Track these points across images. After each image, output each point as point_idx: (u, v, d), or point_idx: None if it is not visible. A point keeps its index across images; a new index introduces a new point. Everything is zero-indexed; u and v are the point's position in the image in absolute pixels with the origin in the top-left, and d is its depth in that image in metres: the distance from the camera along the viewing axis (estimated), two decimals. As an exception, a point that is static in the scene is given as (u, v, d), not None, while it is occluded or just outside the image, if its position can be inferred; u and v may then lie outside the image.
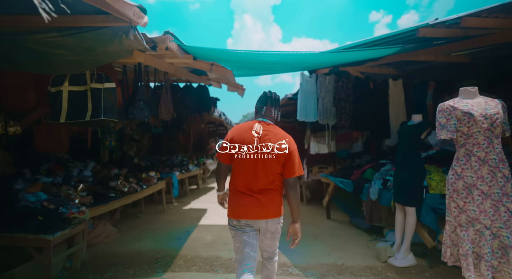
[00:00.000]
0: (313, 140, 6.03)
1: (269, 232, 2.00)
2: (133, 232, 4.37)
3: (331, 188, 4.89)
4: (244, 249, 1.99)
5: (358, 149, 6.22)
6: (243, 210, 1.96)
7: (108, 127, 5.43)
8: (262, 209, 1.94)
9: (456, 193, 2.23)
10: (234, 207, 2.00)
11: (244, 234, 1.99)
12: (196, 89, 5.67)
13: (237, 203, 1.98)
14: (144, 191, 4.81)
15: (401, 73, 5.58)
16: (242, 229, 1.99)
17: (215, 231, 4.41)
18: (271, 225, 1.98)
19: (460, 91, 2.38)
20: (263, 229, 1.99)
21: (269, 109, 2.10)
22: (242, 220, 1.98)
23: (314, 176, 6.09)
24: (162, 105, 3.56)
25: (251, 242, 1.99)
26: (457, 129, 2.25)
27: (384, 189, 3.72)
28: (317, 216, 5.31)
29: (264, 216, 1.95)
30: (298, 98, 5.34)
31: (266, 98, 2.13)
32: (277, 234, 2.05)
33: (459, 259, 2.19)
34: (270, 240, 2.04)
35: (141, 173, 5.06)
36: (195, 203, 6.57)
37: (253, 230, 2.01)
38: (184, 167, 8.08)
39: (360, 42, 3.28)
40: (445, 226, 2.35)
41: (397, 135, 5.48)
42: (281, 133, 2.02)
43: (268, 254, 2.12)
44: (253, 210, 1.94)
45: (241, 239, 1.99)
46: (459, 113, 2.23)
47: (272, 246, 2.08)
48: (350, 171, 4.70)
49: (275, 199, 1.98)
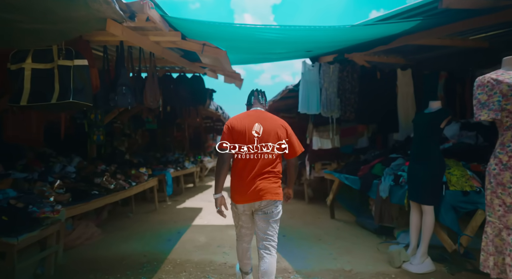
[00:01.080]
0: (315, 135, 5.66)
1: (261, 212, 2.12)
2: (120, 233, 4.00)
3: (336, 185, 4.52)
4: (242, 230, 2.26)
5: (363, 144, 5.84)
6: (246, 195, 2.09)
7: (96, 120, 5.06)
8: (259, 191, 2.07)
9: (502, 187, 1.82)
10: (236, 194, 2.16)
11: (240, 220, 2.22)
12: (191, 80, 5.30)
13: (239, 190, 2.13)
14: (133, 189, 4.44)
15: (410, 62, 5.21)
16: (240, 214, 2.19)
17: (209, 232, 4.04)
18: (265, 205, 2.10)
19: (504, 62, 1.95)
20: (258, 209, 2.13)
21: (258, 100, 2.36)
22: (239, 205, 2.15)
23: (317, 173, 5.72)
24: (147, 91, 3.18)
25: (247, 227, 2.24)
26: (502, 108, 1.81)
27: (396, 185, 3.34)
28: (320, 215, 4.94)
29: (260, 198, 2.08)
30: (299, 89, 4.97)
31: (254, 93, 2.40)
32: (271, 217, 2.12)
33: (505, 270, 1.79)
34: (264, 222, 2.12)
35: (130, 169, 4.68)
36: (190, 202, 6.20)
37: (249, 216, 2.20)
38: (179, 164, 7.71)
39: (372, 19, 2.91)
40: (486, 228, 1.94)
41: (406, 129, 5.16)
42: (275, 117, 2.26)
43: (263, 241, 2.13)
44: (252, 194, 2.08)
45: (241, 220, 2.22)
46: (505, 87, 1.78)
47: (266, 231, 2.12)
48: (356, 167, 4.33)
49: (273, 183, 2.12)
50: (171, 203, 6.03)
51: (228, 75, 5.33)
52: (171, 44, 2.99)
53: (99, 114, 5.08)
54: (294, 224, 4.46)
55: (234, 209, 2.21)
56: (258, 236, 2.15)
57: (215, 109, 6.19)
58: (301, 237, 3.83)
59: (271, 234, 2.12)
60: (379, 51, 4.95)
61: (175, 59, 3.56)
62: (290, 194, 2.45)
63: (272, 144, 2.10)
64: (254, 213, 2.15)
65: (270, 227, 2.11)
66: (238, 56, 3.74)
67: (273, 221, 2.13)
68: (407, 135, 4.97)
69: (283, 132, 2.14)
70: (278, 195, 2.12)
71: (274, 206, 2.12)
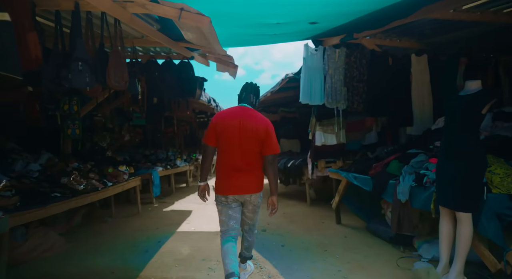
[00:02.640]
0: (318, 129, 5.05)
1: (251, 205, 2.32)
2: (90, 242, 3.41)
3: (343, 186, 3.93)
4: (229, 222, 2.28)
5: (371, 140, 5.25)
6: (231, 187, 2.24)
7: (71, 112, 4.46)
8: (247, 185, 2.25)
9: None
10: (222, 185, 2.27)
11: (230, 209, 2.27)
12: (178, 67, 4.71)
13: (224, 181, 2.26)
14: (109, 190, 3.84)
15: (425, 47, 4.61)
16: (229, 204, 2.27)
17: (195, 241, 3.45)
18: (254, 198, 2.29)
19: None
20: (247, 202, 2.30)
21: (249, 98, 2.37)
22: (230, 195, 2.24)
23: (320, 172, 5.13)
24: (111, 68, 2.58)
25: (236, 216, 2.30)
26: None
27: (419, 186, 2.75)
28: (324, 220, 4.35)
29: (248, 191, 2.25)
30: (301, 77, 4.37)
31: (247, 87, 2.41)
32: (257, 207, 2.37)
33: None
34: (252, 213, 2.36)
35: (107, 167, 4.09)
36: (179, 204, 5.60)
37: (237, 205, 2.30)
38: (170, 162, 7.12)
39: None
40: None
41: (421, 123, 4.56)
42: (259, 116, 2.30)
43: (249, 226, 2.43)
44: (239, 186, 2.23)
45: (227, 214, 2.28)
46: None
47: (253, 219, 2.40)
48: (367, 165, 3.74)
49: (257, 176, 2.30)
50: (158, 205, 5.43)
51: (220, 61, 4.74)
52: (141, 9, 2.39)
53: (74, 105, 4.48)
54: (294, 230, 3.87)
55: (223, 199, 2.26)
56: (244, 223, 2.40)
57: (207, 102, 5.59)
58: (303, 247, 3.24)
59: (256, 218, 2.43)
60: (391, 34, 4.37)
61: (149, 31, 2.94)
62: (274, 203, 2.33)
63: (251, 142, 2.20)
64: (244, 206, 2.33)
65: (256, 215, 2.40)
66: (226, 31, 3.14)
67: (258, 208, 2.38)
68: (423, 129, 4.38)
69: (264, 130, 2.21)
70: (261, 186, 2.35)
71: (259, 197, 2.34)
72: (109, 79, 2.56)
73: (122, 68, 2.65)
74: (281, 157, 6.34)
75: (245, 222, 2.39)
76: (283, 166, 5.82)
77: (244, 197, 2.26)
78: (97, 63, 2.48)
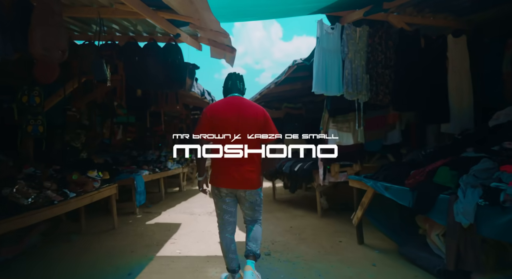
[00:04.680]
0: (332, 126, 4.24)
1: (248, 202, 2.24)
2: (34, 272, 2.58)
3: (368, 198, 3.11)
4: (224, 216, 2.25)
5: (394, 139, 4.43)
6: (224, 180, 2.18)
7: (31, 105, 3.64)
8: (241, 179, 2.16)
9: None
10: (215, 177, 2.22)
11: (224, 203, 2.23)
12: (163, 51, 3.89)
13: (219, 174, 2.20)
14: (70, 203, 3.01)
15: (465, 26, 3.78)
16: (222, 198, 2.22)
17: (178, 273, 2.61)
18: (249, 195, 2.22)
19: None
20: (242, 197, 2.23)
21: (236, 85, 2.29)
22: (222, 188, 2.20)
23: (334, 177, 4.31)
24: (35, 29, 1.73)
25: (230, 211, 2.25)
26: None
27: (491, 206, 1.93)
28: (341, 237, 3.53)
29: (242, 186, 2.17)
30: (314, 61, 3.55)
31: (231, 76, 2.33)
32: (256, 205, 2.28)
33: None
34: (250, 210, 2.28)
35: (70, 174, 3.25)
36: (166, 214, 4.77)
37: (232, 200, 2.25)
38: (160, 164, 6.30)
39: None
40: None
41: (459, 118, 3.71)
42: (254, 104, 2.28)
43: (251, 220, 2.33)
44: (233, 180, 2.16)
45: (221, 207, 2.24)
46: None
47: (253, 216, 2.31)
48: (400, 171, 2.92)
49: (254, 171, 2.20)
50: (141, 217, 4.61)
51: (215, 45, 3.91)
52: None
53: (36, 97, 3.67)
54: (306, 253, 3.05)
55: (216, 192, 2.21)
56: (246, 220, 2.33)
57: (200, 94, 4.75)
58: (321, 282, 2.42)
59: (257, 214, 2.31)
60: (424, 7, 3.55)
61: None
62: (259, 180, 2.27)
63: (252, 132, 2.15)
64: (240, 202, 2.26)
65: (256, 212, 2.29)
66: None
67: (258, 207, 2.29)
68: (461, 126, 3.57)
69: (262, 116, 2.19)
70: (259, 183, 2.24)
71: (257, 194, 2.25)
72: (33, 45, 1.70)
73: (56, 31, 1.81)
74: (286, 159, 5.51)
75: (245, 217, 2.34)
76: (289, 170, 4.99)
77: (238, 192, 2.21)
78: (13, 24, 1.65)
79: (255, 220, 2.30)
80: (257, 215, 2.29)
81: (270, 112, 6.83)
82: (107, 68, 2.94)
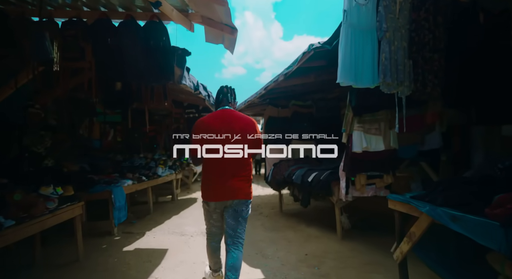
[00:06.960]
0: (358, 128, 3.38)
1: (232, 209, 2.18)
2: None
3: (422, 228, 2.24)
4: (211, 229, 2.33)
5: (434, 144, 3.58)
6: (215, 194, 2.17)
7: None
8: (230, 191, 2.14)
9: None
10: (205, 190, 2.23)
11: (211, 218, 2.27)
12: (143, 30, 3.04)
13: (208, 187, 2.21)
14: (4, 235, 2.13)
15: (534, -2, 2.92)
16: (210, 213, 2.25)
17: None
18: (237, 204, 2.18)
19: None
20: (228, 206, 2.19)
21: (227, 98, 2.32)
22: (210, 202, 2.20)
23: (359, 191, 3.46)
24: None
25: (217, 225, 2.30)
26: None
27: None
28: (374, 272, 2.69)
29: (232, 197, 2.15)
30: (340, 42, 2.69)
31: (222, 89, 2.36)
32: (240, 216, 2.20)
33: None
34: (232, 219, 2.19)
35: (11, 193, 2.38)
36: (151, 235, 3.89)
37: (219, 214, 2.25)
38: (148, 171, 5.44)
39: None
40: None
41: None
42: (244, 116, 2.28)
43: (232, 238, 2.20)
44: (223, 193, 2.15)
45: (210, 221, 2.30)
46: None
47: (234, 229, 2.20)
48: (468, 191, 2.06)
49: (244, 183, 2.19)
50: (119, 238, 3.73)
51: (210, 24, 3.06)
52: None
53: (-23, 89, 2.81)
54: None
55: (206, 206, 2.25)
56: (227, 233, 2.23)
57: (193, 88, 3.85)
58: None
59: (239, 231, 2.22)
60: (486, -27, 2.69)
61: None
62: None
63: (242, 144, 2.16)
64: (224, 211, 2.22)
65: (239, 225, 2.21)
66: None
67: (242, 219, 2.22)
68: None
69: (252, 129, 2.20)
70: (249, 194, 2.22)
71: (245, 205, 2.21)
72: None
73: None
74: (295, 166, 4.65)
75: (227, 233, 2.22)
76: (300, 180, 4.13)
77: (226, 203, 2.18)
78: None
79: (236, 240, 2.20)
80: (239, 230, 2.21)
81: (277, 111, 6.07)
82: (53, 45, 2.08)
